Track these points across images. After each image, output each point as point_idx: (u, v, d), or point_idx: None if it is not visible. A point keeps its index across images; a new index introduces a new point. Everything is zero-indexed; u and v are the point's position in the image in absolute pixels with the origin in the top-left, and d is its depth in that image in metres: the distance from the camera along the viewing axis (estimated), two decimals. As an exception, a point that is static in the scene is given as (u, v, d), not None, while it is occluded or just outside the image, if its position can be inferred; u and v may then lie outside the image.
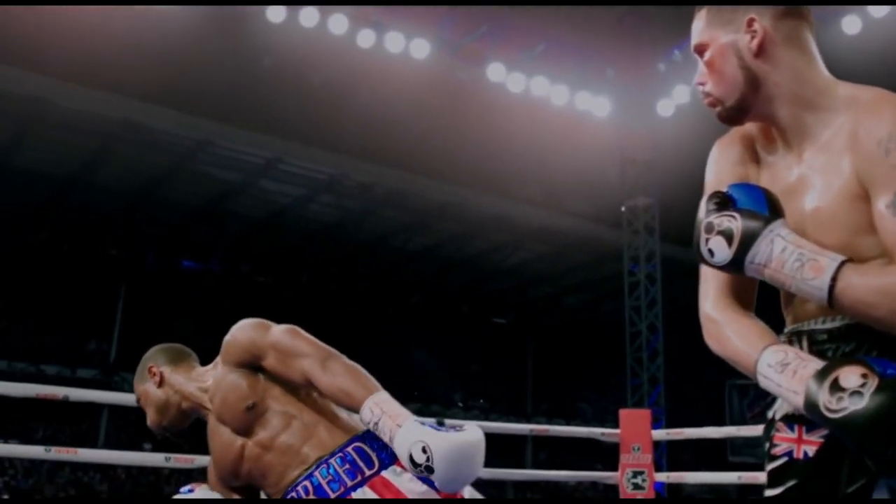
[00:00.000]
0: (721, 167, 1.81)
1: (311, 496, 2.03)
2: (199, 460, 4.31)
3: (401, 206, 19.79)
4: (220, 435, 2.24)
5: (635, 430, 5.52)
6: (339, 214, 20.31)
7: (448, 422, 2.12)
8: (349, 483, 2.00)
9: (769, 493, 1.61)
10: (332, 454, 2.07)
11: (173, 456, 4.18)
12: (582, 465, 27.34)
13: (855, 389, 1.35)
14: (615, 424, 5.60)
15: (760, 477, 1.63)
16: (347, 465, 2.03)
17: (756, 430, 5.49)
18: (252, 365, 2.20)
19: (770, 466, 1.64)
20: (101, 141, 16.51)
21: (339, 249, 22.29)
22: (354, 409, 1.97)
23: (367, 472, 2.00)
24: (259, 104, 15.38)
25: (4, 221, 20.01)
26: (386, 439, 1.88)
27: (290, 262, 23.33)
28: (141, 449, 21.15)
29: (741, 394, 22.27)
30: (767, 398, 1.70)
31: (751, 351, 1.61)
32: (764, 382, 1.56)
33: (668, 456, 12.18)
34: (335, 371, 2.03)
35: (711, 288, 1.76)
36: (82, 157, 17.15)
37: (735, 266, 1.58)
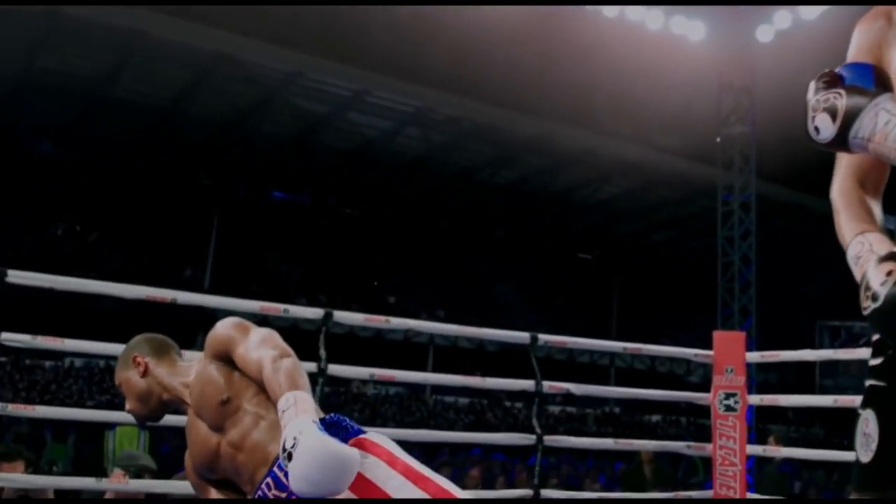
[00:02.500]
0: (856, 46, 1.79)
1: (273, 491, 2.08)
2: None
3: (487, 140, 19.72)
4: (198, 431, 2.28)
5: (729, 352, 5.46)
6: (426, 147, 20.36)
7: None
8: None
9: (872, 362, 1.62)
10: None
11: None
12: (663, 408, 27.37)
13: (876, 290, 1.44)
14: (700, 363, 5.56)
15: (857, 400, 1.64)
16: None
17: (854, 354, 5.41)
18: (227, 358, 2.23)
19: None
20: (194, 73, 16.82)
21: (425, 183, 22.39)
22: (277, 399, 1.97)
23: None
24: (348, 36, 15.44)
25: (105, 151, 20.69)
26: (283, 425, 1.88)
27: (377, 194, 23.55)
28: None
29: (832, 335, 21.76)
30: (860, 340, 1.71)
31: (847, 240, 1.63)
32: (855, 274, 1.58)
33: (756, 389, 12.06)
34: (282, 368, 2.03)
35: (839, 173, 1.76)
36: (177, 88, 17.55)
37: (840, 142, 1.59)
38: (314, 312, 4.59)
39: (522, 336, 5.12)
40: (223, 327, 2.27)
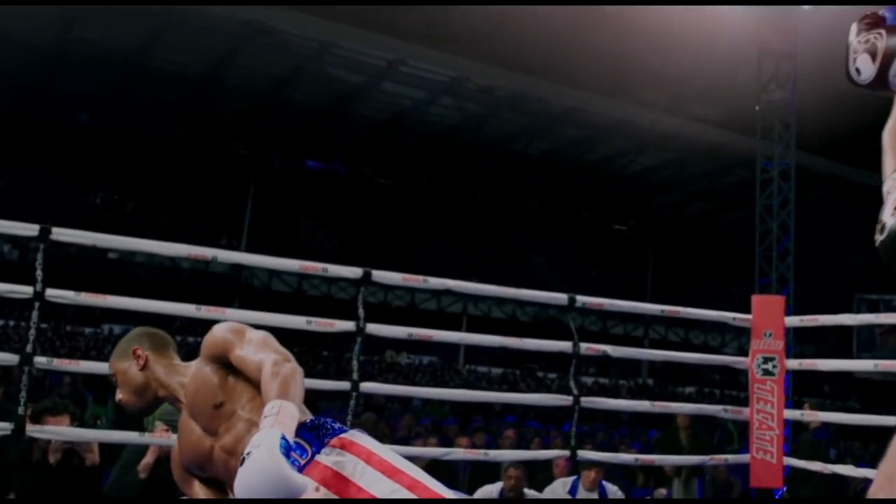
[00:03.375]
0: None
1: None
2: (341, 324, 4.49)
3: (522, 110, 19.61)
4: (191, 432, 2.29)
5: (768, 316, 5.42)
6: (460, 117, 20.28)
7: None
8: (300, 460, 2.02)
9: None
10: None
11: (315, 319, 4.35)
12: (697, 380, 27.27)
13: (885, 221, 1.49)
14: (736, 334, 5.53)
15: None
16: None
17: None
18: (224, 360, 2.25)
19: None
20: (229, 42, 16.86)
21: (459, 153, 22.34)
22: (266, 403, 2.00)
23: (302, 462, 2.02)
24: (382, 6, 15.37)
25: (140, 121, 20.85)
26: (259, 429, 1.90)
27: (410, 164, 23.54)
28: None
29: (871, 308, 21.46)
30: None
31: (885, 177, 1.63)
32: None
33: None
34: (280, 373, 2.05)
35: (892, 115, 1.74)
36: (212, 58, 17.59)
37: (880, 81, 1.59)
38: (353, 272, 4.63)
39: (560, 297, 5.13)
40: (220, 330, 2.30)
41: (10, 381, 5.18)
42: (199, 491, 2.35)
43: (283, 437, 1.84)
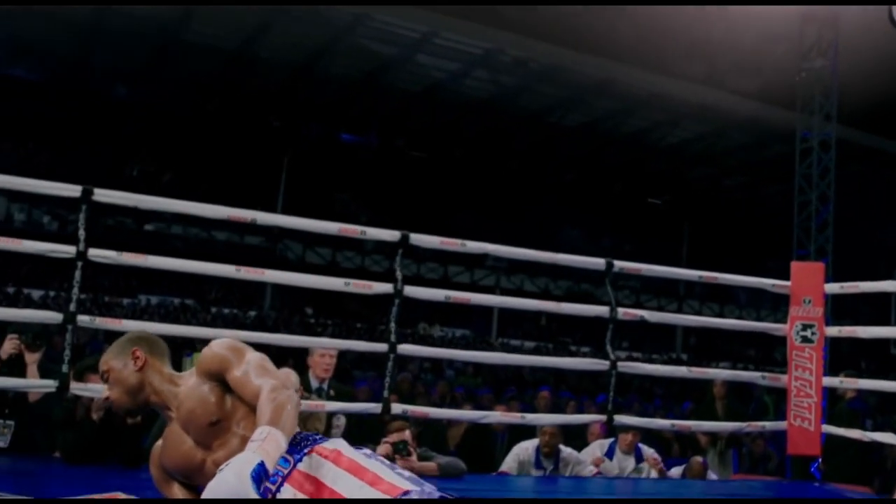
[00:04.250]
0: None
1: None
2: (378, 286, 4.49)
3: (557, 82, 19.46)
4: (182, 442, 2.33)
5: (807, 283, 5.36)
6: (494, 90, 20.17)
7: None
8: (272, 487, 2.10)
9: None
10: None
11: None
12: (732, 355, 27.07)
13: None
14: (771, 310, 5.47)
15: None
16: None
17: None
18: (221, 378, 2.30)
19: None
20: (264, 15, 16.87)
21: (493, 125, 22.24)
22: (257, 426, 2.09)
23: (285, 472, 2.11)
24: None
25: (176, 94, 20.98)
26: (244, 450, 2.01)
27: (444, 137, 23.49)
28: (303, 313, 22.36)
29: (910, 287, 21.12)
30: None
31: None
32: None
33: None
34: (276, 400, 2.13)
35: None
36: (247, 31, 17.62)
37: None
38: (390, 234, 4.64)
39: (598, 262, 5.11)
40: (219, 348, 2.34)
41: (52, 347, 5.26)
42: (178, 493, 2.39)
43: (261, 464, 1.95)
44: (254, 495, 1.90)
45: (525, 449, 5.64)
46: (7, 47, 18.72)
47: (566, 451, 5.68)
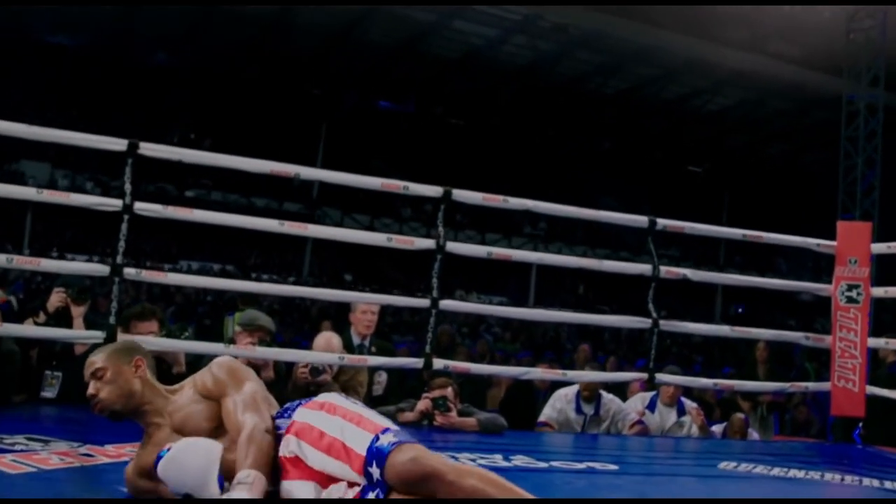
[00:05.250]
0: None
1: None
2: (420, 242, 4.50)
3: (596, 48, 19.26)
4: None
5: (853, 242, 5.28)
6: (533, 56, 20.01)
7: None
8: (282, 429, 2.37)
9: None
10: None
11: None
12: (774, 323, 26.80)
13: None
14: (813, 278, 5.38)
15: None
16: None
17: None
18: (216, 399, 2.46)
19: None
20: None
21: (531, 92, 22.07)
22: (239, 466, 2.24)
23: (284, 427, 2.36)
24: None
25: (216, 61, 21.07)
26: (232, 488, 2.16)
27: (482, 104, 23.36)
28: (342, 280, 22.49)
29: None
30: None
31: None
32: None
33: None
34: (255, 441, 2.27)
35: None
36: (283, -4, 17.60)
37: None
38: (434, 190, 4.63)
39: (640, 219, 5.06)
40: (219, 371, 2.49)
41: (97, 308, 5.34)
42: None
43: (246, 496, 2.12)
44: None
45: (564, 395, 5.57)
46: (49, 15, 18.87)
47: (607, 396, 5.59)
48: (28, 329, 4.38)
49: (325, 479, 2.18)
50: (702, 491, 3.56)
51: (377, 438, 2.13)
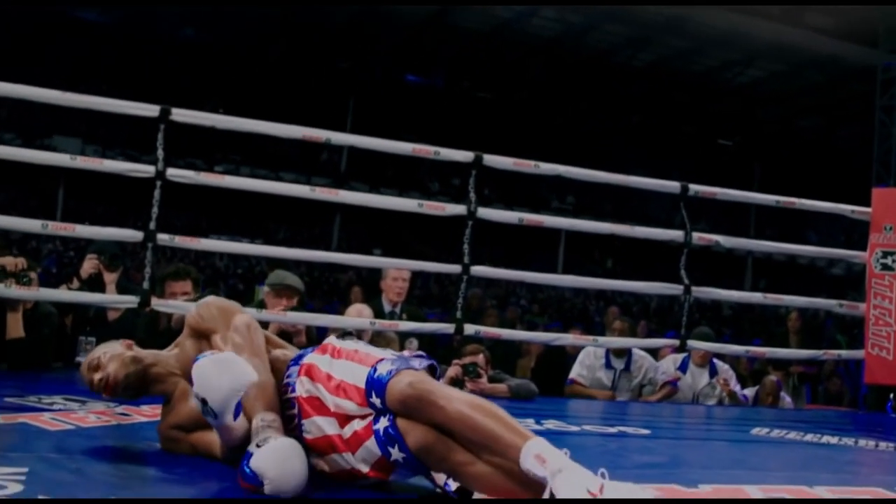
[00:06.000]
0: None
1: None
2: (451, 208, 4.50)
3: (625, 21, 19.00)
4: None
5: (889, 209, 5.23)
6: (561, 29, 19.83)
7: None
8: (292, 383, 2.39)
9: None
10: None
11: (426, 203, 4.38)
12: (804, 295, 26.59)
13: None
14: (840, 258, 5.29)
15: None
16: None
17: None
18: (206, 337, 2.50)
19: None
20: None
21: (559, 66, 21.89)
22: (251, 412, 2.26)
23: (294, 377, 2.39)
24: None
25: (244, 36, 21.08)
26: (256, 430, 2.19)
27: (510, 78, 23.23)
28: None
29: None
30: None
31: None
32: None
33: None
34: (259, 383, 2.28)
35: None
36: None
37: None
38: (464, 155, 4.63)
39: (672, 185, 5.04)
40: (207, 311, 2.52)
41: (129, 278, 5.41)
42: (205, 437, 2.45)
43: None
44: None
45: (592, 352, 5.56)
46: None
47: (639, 352, 5.57)
48: (63, 294, 4.44)
49: (343, 418, 2.23)
50: (734, 455, 3.56)
51: (375, 370, 2.17)
